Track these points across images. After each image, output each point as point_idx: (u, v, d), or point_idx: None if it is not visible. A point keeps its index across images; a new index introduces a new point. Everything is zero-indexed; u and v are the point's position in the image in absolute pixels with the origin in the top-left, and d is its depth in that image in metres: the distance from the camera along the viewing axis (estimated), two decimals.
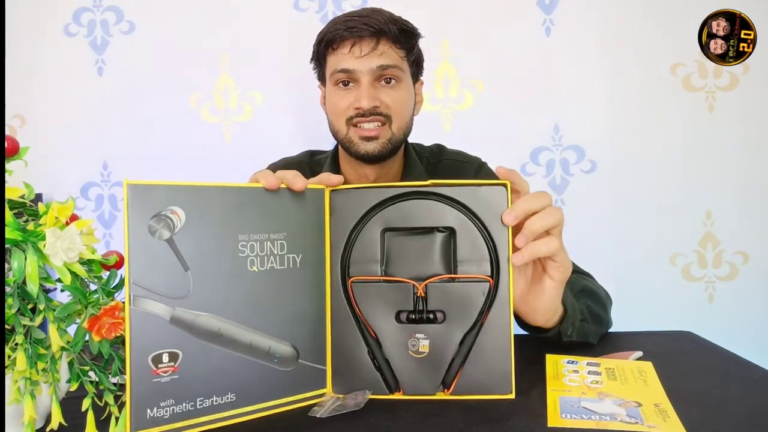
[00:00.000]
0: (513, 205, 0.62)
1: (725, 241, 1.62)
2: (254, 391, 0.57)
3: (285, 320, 0.60)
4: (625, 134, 1.63)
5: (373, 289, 0.64)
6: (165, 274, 0.52)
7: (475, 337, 0.62)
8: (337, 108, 0.98)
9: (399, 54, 0.98)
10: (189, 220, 0.54)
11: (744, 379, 0.66)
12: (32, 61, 1.73)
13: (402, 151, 1.07)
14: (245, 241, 0.58)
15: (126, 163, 1.73)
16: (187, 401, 0.52)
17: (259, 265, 0.59)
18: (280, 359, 0.59)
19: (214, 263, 0.56)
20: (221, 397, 0.55)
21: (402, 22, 0.99)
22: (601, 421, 0.52)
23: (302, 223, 0.63)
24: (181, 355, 0.52)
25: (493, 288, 0.62)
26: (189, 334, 0.53)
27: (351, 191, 0.65)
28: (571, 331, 0.74)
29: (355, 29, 0.95)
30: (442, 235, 0.65)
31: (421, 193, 0.64)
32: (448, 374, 0.61)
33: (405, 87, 1.00)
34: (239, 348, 0.56)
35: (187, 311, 0.53)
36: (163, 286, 0.52)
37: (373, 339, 0.63)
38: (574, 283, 0.81)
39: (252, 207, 0.59)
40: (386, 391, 0.62)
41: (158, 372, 0.51)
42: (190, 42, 1.71)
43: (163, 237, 0.52)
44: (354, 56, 0.95)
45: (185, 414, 0.52)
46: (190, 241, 0.54)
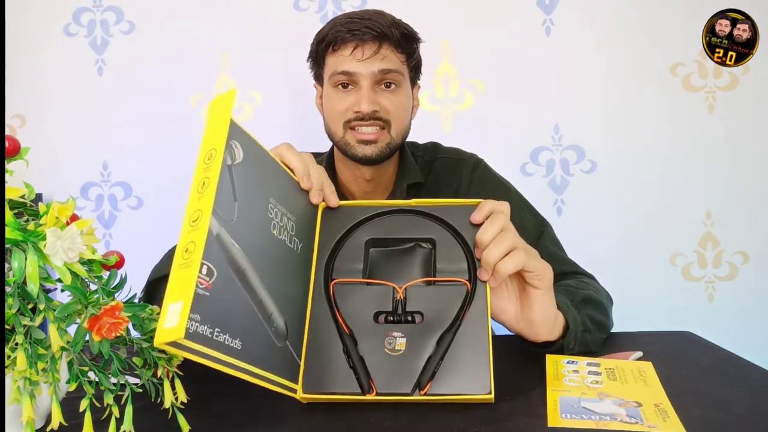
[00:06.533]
0: (476, 238, 0.65)
1: (725, 241, 1.62)
2: (255, 349, 0.55)
3: (283, 296, 0.60)
4: (624, 134, 1.63)
5: (353, 291, 0.65)
6: (221, 195, 0.53)
7: (452, 336, 0.61)
8: (336, 110, 0.98)
9: (400, 58, 0.98)
10: (245, 161, 0.57)
11: (744, 379, 0.66)
12: (32, 61, 1.73)
13: (397, 153, 1.07)
14: (273, 205, 0.61)
15: (126, 163, 1.74)
16: (208, 325, 0.50)
17: (278, 232, 0.61)
18: (276, 330, 0.58)
19: (251, 209, 0.57)
20: (232, 340, 0.52)
21: (404, 27, 0.99)
22: (601, 421, 0.52)
23: (308, 218, 0.67)
24: (216, 275, 0.51)
25: (470, 291, 0.63)
26: (225, 260, 0.53)
27: (341, 208, 0.70)
28: (574, 344, 0.74)
29: (357, 32, 0.94)
30: (423, 251, 0.67)
31: (402, 210, 0.69)
32: (424, 373, 0.60)
33: (404, 92, 1.00)
34: (253, 298, 0.56)
35: (228, 236, 0.53)
36: (220, 204, 0.53)
37: (349, 337, 0.63)
38: (574, 294, 0.80)
39: (282, 182, 0.64)
40: (358, 390, 0.60)
41: (200, 279, 0.50)
42: (190, 42, 1.71)
43: (227, 161, 0.55)
44: (356, 59, 0.95)
45: (203, 338, 0.49)
46: (240, 178, 0.56)
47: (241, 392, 0.66)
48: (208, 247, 0.50)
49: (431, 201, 0.69)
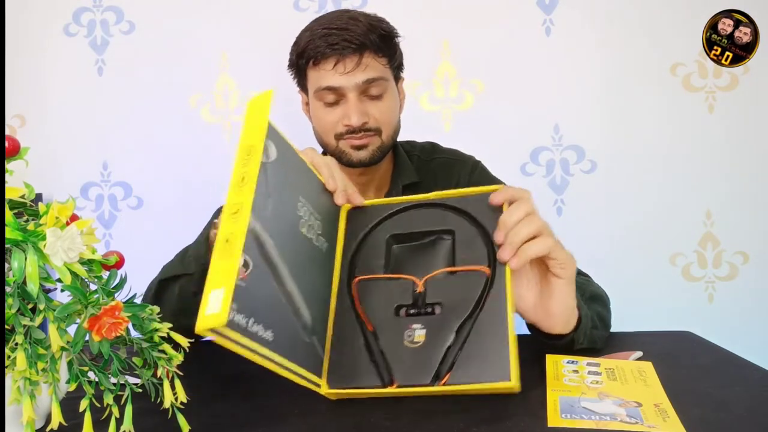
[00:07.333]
0: (500, 220, 0.64)
1: (725, 241, 1.62)
2: (285, 342, 0.56)
3: (310, 292, 0.62)
4: (624, 134, 1.63)
5: (374, 286, 0.66)
6: (258, 191, 0.55)
7: (472, 324, 0.61)
8: (326, 124, 0.98)
9: (382, 62, 0.98)
10: (278, 159, 0.60)
11: (744, 379, 0.66)
12: (32, 61, 1.73)
13: (390, 151, 1.07)
14: (303, 203, 0.64)
15: (126, 163, 1.74)
16: (244, 315, 0.51)
17: (306, 231, 0.64)
18: (304, 325, 0.60)
19: (282, 206, 0.59)
20: (264, 330, 0.53)
21: (380, 28, 0.97)
22: (601, 421, 0.52)
23: (333, 218, 0.70)
24: (251, 266, 0.52)
25: (490, 277, 0.63)
26: (259, 253, 0.54)
27: (365, 207, 0.72)
28: (583, 338, 0.74)
29: (336, 45, 0.93)
30: (444, 242, 0.67)
31: (422, 204, 0.70)
32: (443, 363, 0.60)
33: (391, 95, 1.00)
34: (284, 292, 0.57)
35: (263, 231, 0.55)
36: (256, 198, 0.55)
37: (371, 332, 0.64)
38: (582, 290, 0.80)
39: (313, 183, 0.68)
40: (379, 383, 0.60)
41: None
42: (190, 42, 1.71)
43: (262, 159, 0.57)
44: (338, 73, 0.94)
45: (239, 327, 0.50)
46: (272, 176, 0.58)
47: (241, 392, 0.66)
48: (246, 239, 0.51)
49: (450, 192, 0.69)
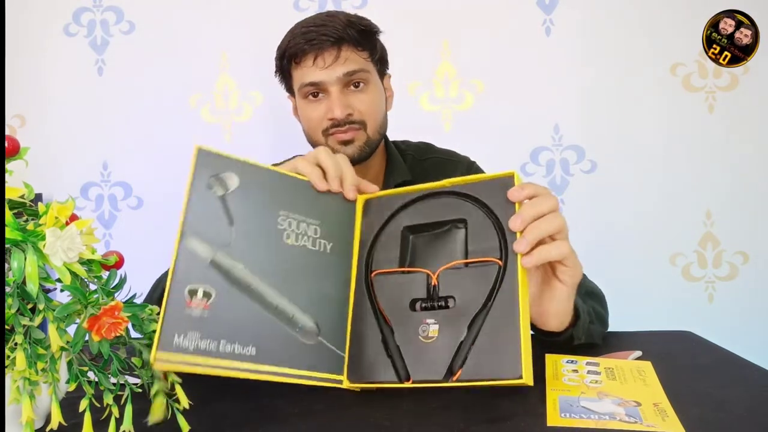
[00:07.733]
0: (521, 210, 0.62)
1: (725, 241, 1.62)
2: (275, 352, 0.59)
3: (310, 297, 0.64)
4: (625, 134, 1.63)
5: (390, 280, 0.67)
6: (214, 223, 0.60)
7: (483, 318, 0.60)
8: (312, 120, 0.99)
9: (362, 56, 0.98)
10: (241, 186, 0.63)
11: (744, 379, 0.66)
12: (32, 61, 1.73)
13: (383, 150, 1.07)
14: (285, 216, 0.65)
15: (126, 163, 1.74)
16: (211, 339, 0.56)
17: (294, 240, 0.65)
18: (302, 330, 0.62)
19: (255, 226, 0.63)
20: (243, 347, 0.57)
21: (360, 24, 0.98)
22: (600, 421, 0.52)
23: (336, 216, 0.70)
24: (214, 296, 0.57)
25: (502, 268, 0.62)
26: (225, 280, 0.58)
27: (381, 198, 0.72)
28: (582, 334, 0.74)
29: (314, 41, 0.94)
30: (459, 232, 0.67)
31: (437, 193, 0.70)
32: (456, 358, 0.60)
33: (374, 87, 1.00)
34: (266, 306, 0.60)
35: (226, 258, 0.59)
36: (211, 233, 0.59)
37: (388, 327, 0.64)
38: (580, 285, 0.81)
39: (296, 192, 0.68)
40: (395, 379, 0.62)
41: (191, 304, 0.56)
42: (190, 42, 1.71)
43: (218, 193, 0.61)
44: (318, 68, 0.95)
45: (207, 351, 0.55)
46: (238, 203, 0.62)
47: (241, 392, 0.66)
48: (197, 274, 0.56)
49: (465, 179, 0.68)
